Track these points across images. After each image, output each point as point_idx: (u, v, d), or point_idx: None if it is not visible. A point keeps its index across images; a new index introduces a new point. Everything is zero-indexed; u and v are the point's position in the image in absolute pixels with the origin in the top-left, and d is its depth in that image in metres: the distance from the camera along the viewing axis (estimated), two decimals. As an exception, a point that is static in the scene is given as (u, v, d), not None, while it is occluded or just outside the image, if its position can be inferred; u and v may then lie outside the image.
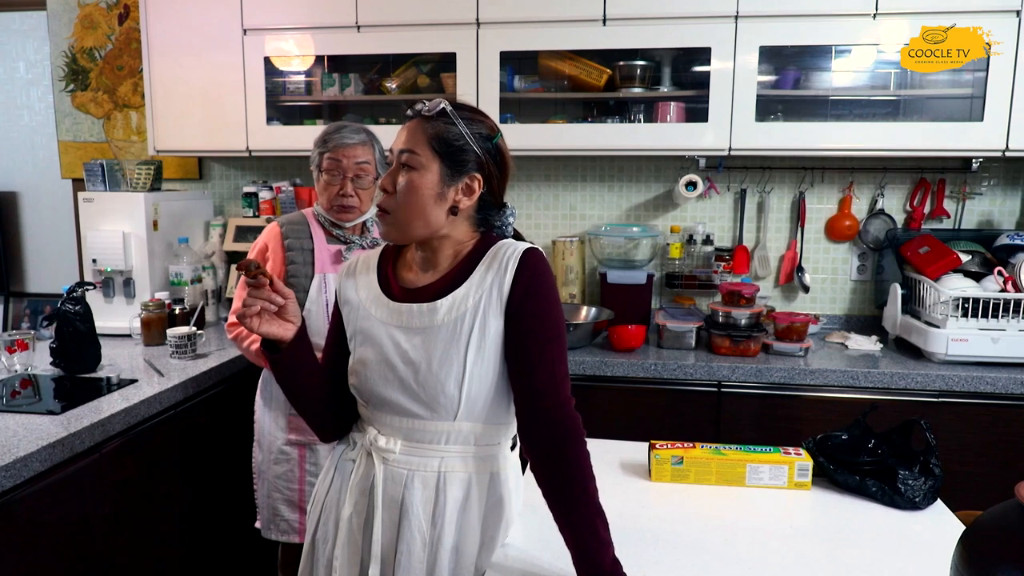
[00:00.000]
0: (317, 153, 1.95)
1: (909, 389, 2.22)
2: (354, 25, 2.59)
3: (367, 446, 1.26)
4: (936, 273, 2.38)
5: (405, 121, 1.23)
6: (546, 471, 1.16)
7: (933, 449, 1.46)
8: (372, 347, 1.24)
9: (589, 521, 1.13)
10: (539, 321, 1.18)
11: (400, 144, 1.21)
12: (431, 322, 1.20)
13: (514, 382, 1.20)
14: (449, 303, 1.20)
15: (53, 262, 3.31)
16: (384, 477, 1.23)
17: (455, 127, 1.19)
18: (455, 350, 1.18)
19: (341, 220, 1.98)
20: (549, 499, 1.16)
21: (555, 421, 1.16)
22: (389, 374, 1.21)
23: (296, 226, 1.99)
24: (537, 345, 1.17)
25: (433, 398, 1.19)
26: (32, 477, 1.55)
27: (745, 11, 2.39)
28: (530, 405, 1.18)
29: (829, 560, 1.23)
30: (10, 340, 2.13)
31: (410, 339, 1.21)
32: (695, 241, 2.81)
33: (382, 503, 1.23)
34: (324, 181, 1.94)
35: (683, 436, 1.71)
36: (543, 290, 1.19)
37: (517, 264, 1.18)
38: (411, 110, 1.22)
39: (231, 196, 3.16)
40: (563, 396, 1.18)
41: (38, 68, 3.21)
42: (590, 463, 1.16)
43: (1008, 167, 2.70)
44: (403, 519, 1.22)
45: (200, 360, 2.32)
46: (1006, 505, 0.92)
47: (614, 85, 2.62)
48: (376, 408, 1.25)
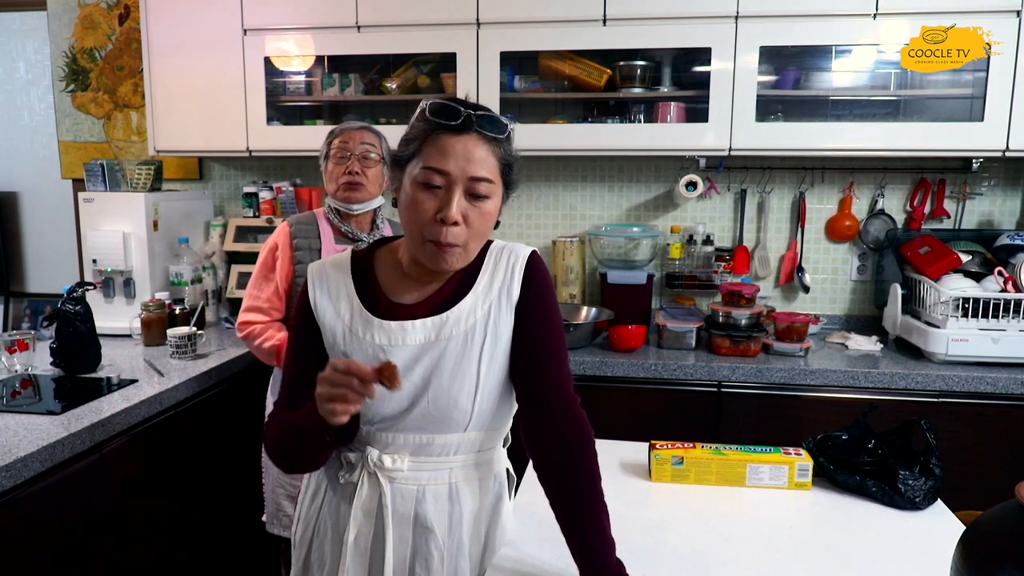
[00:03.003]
0: (326, 144, 2.02)
1: (909, 389, 2.22)
2: (354, 25, 2.59)
3: (370, 467, 1.17)
4: (936, 273, 2.38)
5: (454, 131, 1.05)
6: (556, 470, 1.15)
7: (933, 449, 1.46)
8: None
9: (598, 520, 1.12)
10: (548, 322, 1.17)
11: (473, 170, 1.05)
12: (438, 336, 1.13)
13: (522, 384, 1.17)
14: (456, 315, 1.14)
15: (53, 262, 3.31)
16: (393, 496, 1.17)
17: (512, 147, 1.11)
18: (467, 363, 1.13)
19: (349, 201, 2.00)
20: (559, 498, 1.14)
21: (566, 418, 1.16)
22: (393, 397, 1.12)
23: (305, 225, 2.03)
24: (545, 345, 1.16)
25: (445, 414, 1.14)
26: (32, 477, 1.55)
27: (745, 11, 2.39)
28: (540, 405, 1.16)
29: (829, 560, 1.23)
30: (10, 340, 2.13)
31: (416, 358, 1.13)
32: (695, 241, 2.81)
33: (392, 522, 1.17)
34: (331, 166, 2.01)
35: (683, 436, 1.70)
36: (549, 292, 1.19)
37: (524, 267, 1.17)
38: (478, 128, 1.05)
39: (231, 196, 3.16)
40: (571, 394, 1.18)
41: (38, 68, 3.21)
42: (598, 461, 1.16)
43: (1008, 167, 2.70)
44: (418, 536, 1.18)
45: (200, 360, 2.32)
46: (1006, 505, 0.92)
47: (614, 85, 2.62)
48: (380, 429, 1.16)
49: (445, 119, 1.05)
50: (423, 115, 1.08)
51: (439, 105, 1.06)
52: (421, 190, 1.06)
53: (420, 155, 1.07)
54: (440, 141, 1.05)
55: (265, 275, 2.01)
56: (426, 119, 1.07)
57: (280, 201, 2.92)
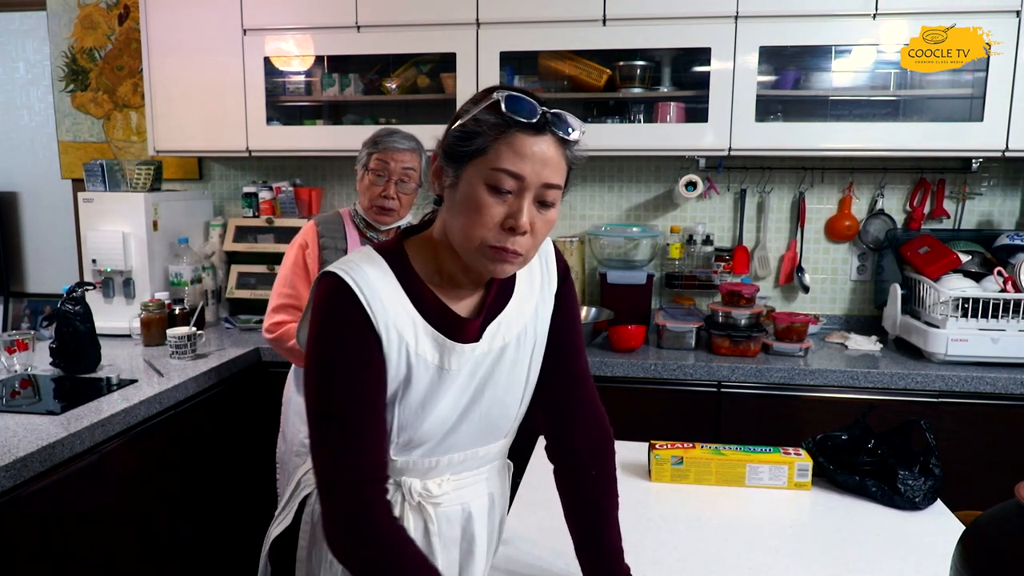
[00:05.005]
0: (366, 153, 2.00)
1: (909, 389, 2.22)
2: (354, 25, 2.59)
3: (412, 500, 1.06)
4: (936, 273, 2.38)
5: (531, 131, 0.92)
6: (587, 466, 1.12)
7: (933, 449, 1.46)
8: (435, 398, 1.01)
9: (617, 522, 1.12)
10: (575, 312, 1.16)
11: (548, 176, 0.93)
12: (491, 346, 1.04)
13: (554, 373, 1.12)
14: (508, 319, 1.06)
15: (53, 262, 3.31)
16: (439, 522, 1.09)
17: (578, 150, 0.99)
18: (520, 368, 1.07)
19: (378, 222, 2.01)
20: (580, 494, 1.12)
21: (596, 409, 1.15)
22: (451, 417, 1.03)
23: (331, 225, 2.03)
24: (575, 334, 1.15)
25: (496, 425, 1.08)
26: (32, 477, 1.55)
27: (745, 11, 2.39)
28: (573, 395, 1.14)
29: (829, 560, 1.23)
30: (10, 340, 2.13)
31: (472, 372, 1.04)
32: (695, 241, 2.81)
33: (440, 548, 1.09)
34: (368, 181, 1.99)
35: (683, 436, 1.70)
36: (572, 282, 1.17)
37: (555, 257, 1.14)
38: (553, 128, 0.93)
39: (231, 196, 3.16)
40: (594, 386, 1.17)
41: (38, 68, 3.21)
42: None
43: (1008, 167, 2.70)
44: (465, 554, 1.13)
45: (200, 360, 2.32)
46: (1006, 505, 0.92)
47: (614, 85, 2.62)
48: (422, 455, 1.05)
49: (525, 116, 0.92)
50: (495, 108, 0.93)
51: (517, 99, 0.93)
52: (489, 193, 0.93)
53: (489, 153, 0.93)
54: (516, 141, 0.92)
55: (297, 273, 1.98)
56: (501, 114, 0.92)
57: (280, 201, 2.92)
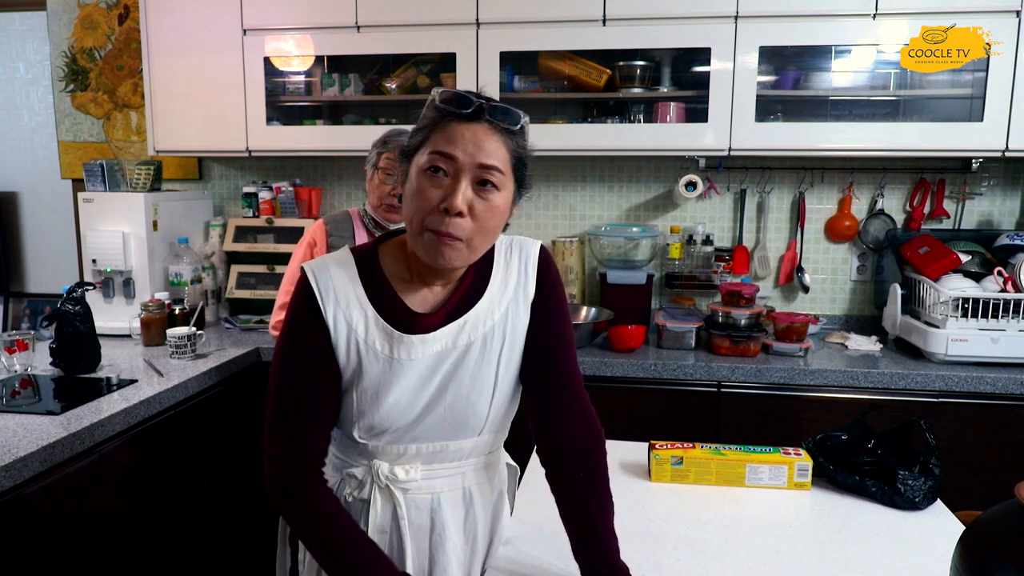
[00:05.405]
0: (375, 152, 2.03)
1: (909, 389, 2.22)
2: (354, 25, 2.59)
3: (381, 482, 1.12)
4: (936, 273, 2.38)
5: (464, 119, 0.99)
6: (576, 468, 1.12)
7: (933, 449, 1.46)
8: (389, 386, 1.07)
9: (611, 521, 1.12)
10: (561, 315, 1.15)
11: (482, 158, 0.98)
12: (455, 343, 1.08)
13: (538, 380, 1.14)
14: (474, 319, 1.09)
15: (53, 262, 3.31)
16: (408, 507, 1.13)
17: (526, 142, 1.04)
18: (486, 367, 1.10)
19: (387, 220, 2.05)
20: (572, 494, 1.12)
21: (585, 411, 1.15)
22: (411, 408, 1.08)
23: (340, 224, 2.08)
24: (562, 338, 1.14)
25: (462, 421, 1.11)
26: (32, 477, 1.55)
27: (745, 11, 2.39)
28: (558, 400, 1.14)
29: (829, 560, 1.23)
30: (10, 340, 2.12)
31: (434, 367, 1.08)
32: (695, 241, 2.81)
33: (409, 535, 1.14)
34: (378, 179, 2.02)
35: (683, 436, 1.71)
36: (561, 287, 1.17)
37: (538, 262, 1.15)
38: (489, 116, 0.99)
39: (231, 196, 3.16)
40: (583, 389, 1.17)
41: (38, 68, 3.21)
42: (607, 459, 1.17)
43: (1008, 167, 2.70)
44: (435, 544, 1.15)
45: (200, 360, 2.32)
46: (1006, 505, 0.92)
47: (614, 85, 2.62)
48: (390, 441, 1.11)
49: (456, 107, 0.99)
50: (433, 104, 1.02)
51: (450, 93, 1.00)
52: (426, 177, 0.99)
53: (428, 143, 1.01)
54: (449, 128, 0.99)
55: None
56: (436, 107, 1.01)
57: (280, 201, 2.92)
